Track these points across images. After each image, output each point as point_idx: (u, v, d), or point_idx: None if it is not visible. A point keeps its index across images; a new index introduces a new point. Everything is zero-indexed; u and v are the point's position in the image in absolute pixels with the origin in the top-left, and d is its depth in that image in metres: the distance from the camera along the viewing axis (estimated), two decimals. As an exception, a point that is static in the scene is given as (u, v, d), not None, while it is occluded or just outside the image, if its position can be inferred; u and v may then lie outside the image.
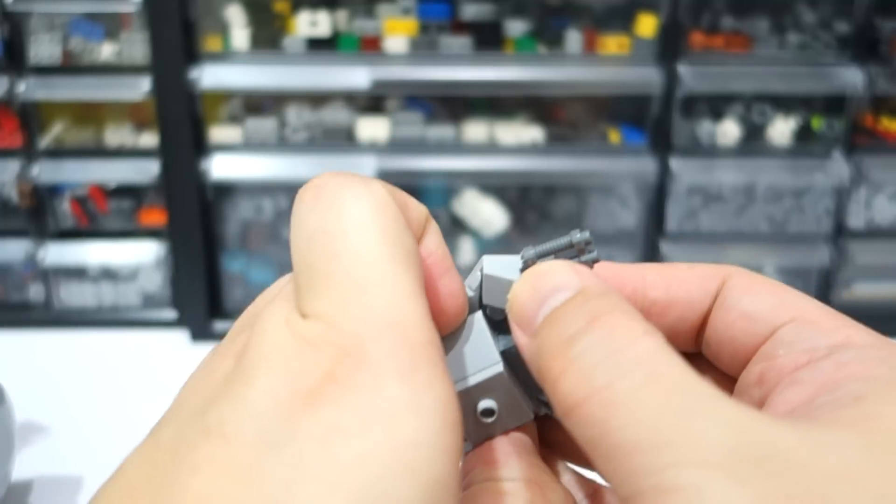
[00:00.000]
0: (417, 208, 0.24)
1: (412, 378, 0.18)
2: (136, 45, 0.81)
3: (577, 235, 0.24)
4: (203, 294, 0.85)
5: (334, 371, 0.18)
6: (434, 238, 0.24)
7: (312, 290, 0.20)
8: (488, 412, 0.24)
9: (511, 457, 0.24)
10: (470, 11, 0.83)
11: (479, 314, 0.25)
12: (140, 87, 0.80)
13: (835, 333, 0.22)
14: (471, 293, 0.25)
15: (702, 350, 0.26)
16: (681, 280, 0.25)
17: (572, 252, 0.24)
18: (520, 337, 0.22)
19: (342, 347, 0.18)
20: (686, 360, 0.20)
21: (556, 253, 0.24)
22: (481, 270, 0.25)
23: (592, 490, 0.26)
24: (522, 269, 0.24)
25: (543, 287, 0.21)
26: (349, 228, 0.20)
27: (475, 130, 0.86)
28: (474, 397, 0.24)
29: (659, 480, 0.16)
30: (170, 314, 0.88)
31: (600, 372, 0.18)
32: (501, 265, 0.24)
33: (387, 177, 0.83)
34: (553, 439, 0.27)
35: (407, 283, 0.20)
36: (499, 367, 0.24)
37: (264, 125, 0.84)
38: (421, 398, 0.18)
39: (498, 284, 0.24)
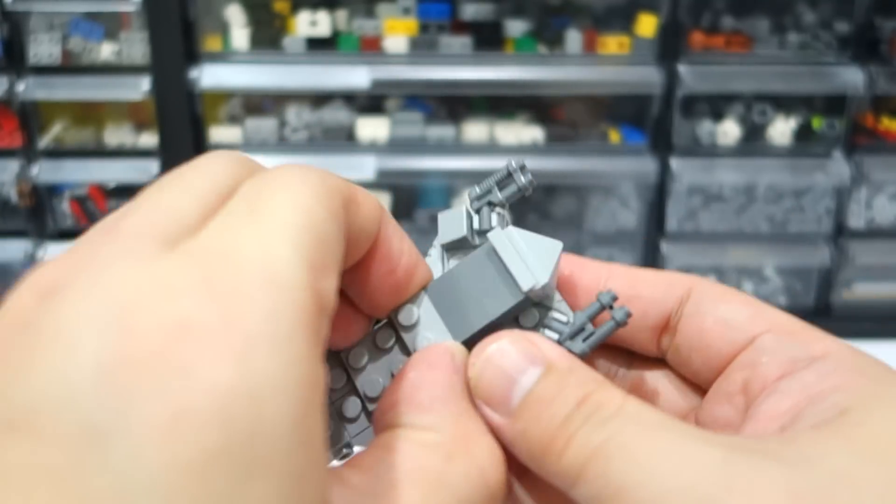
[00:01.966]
0: (368, 204, 0.22)
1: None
2: (135, 45, 0.81)
3: (513, 163, 0.26)
4: (203, 294, 0.85)
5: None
6: (390, 228, 0.24)
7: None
8: None
9: (436, 401, 0.23)
10: (470, 11, 0.83)
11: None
12: (140, 87, 0.80)
13: (814, 344, 0.23)
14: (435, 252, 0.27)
15: (666, 358, 0.27)
16: (645, 279, 0.27)
17: (511, 180, 0.27)
18: (493, 416, 0.22)
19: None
20: (650, 366, 0.26)
21: (499, 183, 0.27)
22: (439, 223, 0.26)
23: None
24: (475, 209, 0.26)
25: (509, 367, 0.22)
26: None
27: (475, 130, 0.86)
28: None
29: None
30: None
31: (597, 434, 0.21)
32: (451, 215, 0.26)
33: (387, 176, 0.83)
34: None
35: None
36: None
37: (264, 125, 0.84)
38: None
39: (451, 218, 0.26)
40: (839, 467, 0.19)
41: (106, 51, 0.82)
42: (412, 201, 0.88)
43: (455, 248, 0.26)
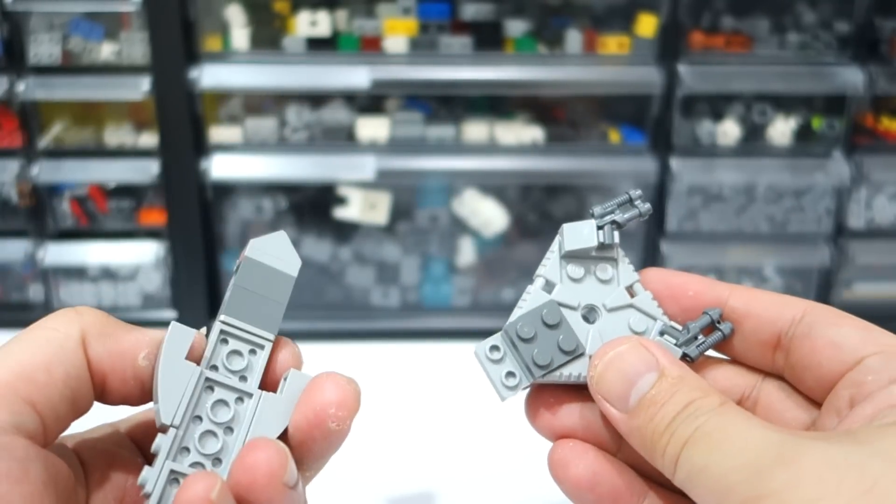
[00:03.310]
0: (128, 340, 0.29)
1: None
2: (135, 45, 0.81)
3: (634, 192, 0.31)
4: (203, 294, 0.85)
5: None
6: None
7: None
8: None
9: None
10: (470, 11, 0.83)
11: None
12: (140, 87, 0.80)
13: None
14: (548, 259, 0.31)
15: (784, 375, 0.30)
16: (762, 298, 0.30)
17: (630, 205, 0.31)
18: (612, 411, 0.27)
19: None
20: (775, 385, 0.30)
21: (620, 206, 0.31)
22: (560, 233, 0.30)
23: None
24: (598, 227, 0.30)
25: (629, 371, 0.27)
26: None
27: (475, 130, 0.86)
28: None
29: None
30: (170, 314, 0.88)
31: (689, 427, 0.25)
32: (578, 227, 0.30)
33: (387, 176, 0.83)
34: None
35: None
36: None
37: (264, 125, 0.84)
38: None
39: (579, 229, 0.30)
40: (882, 449, 0.21)
41: (106, 51, 0.82)
42: (412, 201, 0.88)
43: (575, 256, 0.30)
